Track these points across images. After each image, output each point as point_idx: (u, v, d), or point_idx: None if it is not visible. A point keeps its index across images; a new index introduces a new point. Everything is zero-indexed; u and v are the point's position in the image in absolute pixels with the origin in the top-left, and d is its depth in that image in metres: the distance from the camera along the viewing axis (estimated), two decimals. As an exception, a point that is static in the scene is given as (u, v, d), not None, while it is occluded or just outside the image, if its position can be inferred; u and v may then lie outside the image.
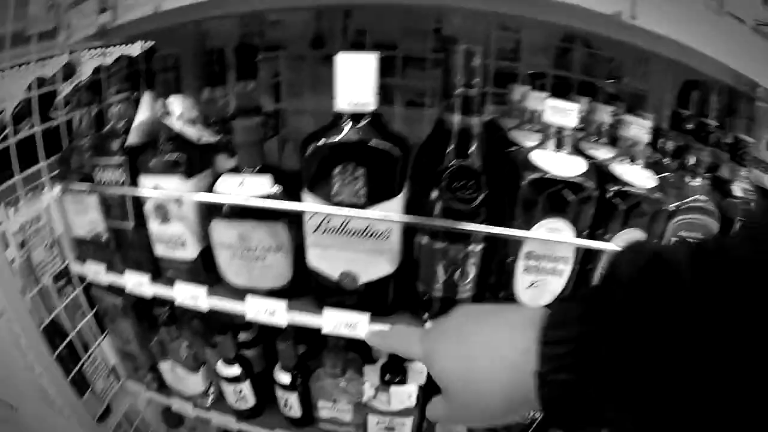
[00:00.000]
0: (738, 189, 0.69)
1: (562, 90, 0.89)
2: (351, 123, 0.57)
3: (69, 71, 1.01)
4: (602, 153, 0.73)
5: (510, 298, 0.64)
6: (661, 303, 0.24)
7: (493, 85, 0.87)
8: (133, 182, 0.71)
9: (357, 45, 0.89)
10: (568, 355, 0.28)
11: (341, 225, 0.61)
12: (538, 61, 0.90)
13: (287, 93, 0.94)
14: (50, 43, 0.88)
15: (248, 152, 0.64)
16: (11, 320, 0.81)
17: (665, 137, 0.77)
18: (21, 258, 0.85)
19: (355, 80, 0.56)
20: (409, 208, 0.62)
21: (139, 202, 0.72)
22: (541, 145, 0.65)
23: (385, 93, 0.93)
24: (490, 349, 0.34)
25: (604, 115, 0.75)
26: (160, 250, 0.73)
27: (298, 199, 0.61)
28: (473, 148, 0.60)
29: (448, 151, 0.60)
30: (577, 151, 0.67)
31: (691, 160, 0.67)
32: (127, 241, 0.76)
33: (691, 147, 0.71)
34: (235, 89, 0.77)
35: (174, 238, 0.70)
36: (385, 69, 0.94)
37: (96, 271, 0.81)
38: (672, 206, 0.63)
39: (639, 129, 0.68)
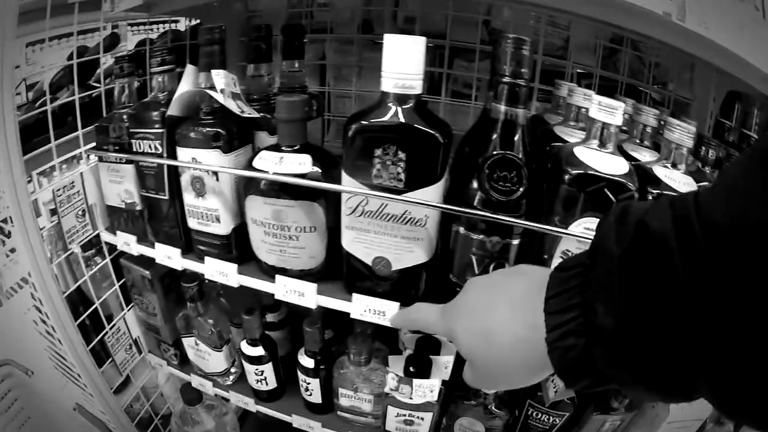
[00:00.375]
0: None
1: (607, 91, 0.87)
2: (396, 105, 0.56)
3: (112, 42, 1.02)
4: (645, 155, 0.71)
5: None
6: (648, 270, 0.26)
7: (539, 82, 0.86)
8: (171, 154, 0.71)
9: (405, 32, 0.88)
10: (571, 321, 0.30)
11: (378, 209, 0.60)
12: (585, 61, 0.88)
13: (332, 76, 0.94)
14: (93, 15, 0.89)
15: (290, 130, 0.63)
16: (35, 285, 0.82)
17: (707, 146, 0.74)
18: (51, 224, 0.86)
19: (403, 62, 0.55)
20: (449, 197, 0.61)
21: (175, 175, 0.72)
22: (585, 141, 0.64)
23: (431, 83, 0.92)
24: (505, 324, 0.36)
25: (649, 117, 0.74)
26: (193, 224, 0.73)
27: (336, 181, 0.61)
28: (517, 139, 0.58)
29: (492, 140, 0.58)
30: (620, 151, 0.66)
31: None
32: (161, 213, 0.76)
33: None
34: (281, 68, 0.76)
35: (208, 213, 0.70)
36: (433, 58, 0.93)
37: (126, 242, 0.82)
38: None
39: (683, 133, 0.66)
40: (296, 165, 0.62)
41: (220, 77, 0.68)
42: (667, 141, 0.68)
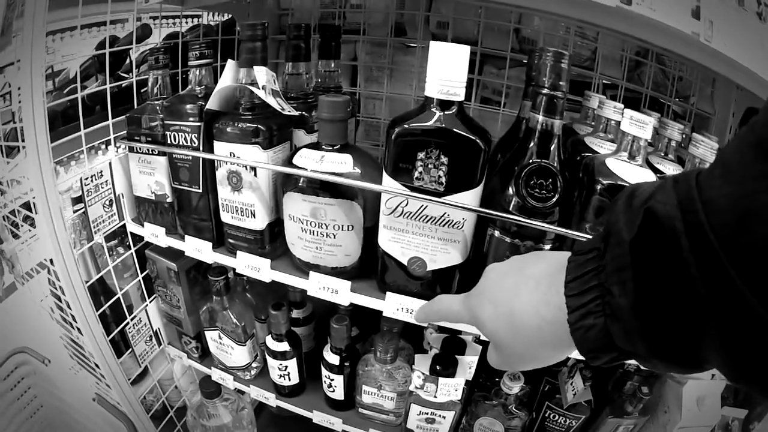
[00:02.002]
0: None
1: (632, 103, 0.89)
2: (439, 110, 0.57)
3: (144, 33, 1.03)
4: (669, 168, 0.73)
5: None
6: (658, 253, 0.28)
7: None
8: (207, 148, 0.72)
9: (437, 37, 0.90)
10: (590, 303, 0.32)
11: (418, 210, 0.61)
12: (611, 72, 0.90)
13: (363, 77, 0.95)
14: (125, 5, 0.90)
15: (332, 129, 0.64)
16: (56, 274, 0.82)
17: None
18: (77, 212, 0.86)
19: (448, 69, 0.56)
20: (484, 202, 0.62)
21: (210, 168, 0.73)
22: (615, 153, 0.66)
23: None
24: (528, 307, 0.37)
25: (674, 132, 0.75)
26: (226, 218, 0.74)
27: (374, 181, 0.62)
28: (553, 148, 0.60)
29: (528, 148, 0.60)
30: (648, 164, 0.67)
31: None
32: (192, 205, 0.77)
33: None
34: (317, 67, 0.77)
35: (244, 208, 0.71)
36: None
37: (154, 233, 0.82)
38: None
39: (707, 148, 0.68)
40: (337, 164, 0.63)
41: (262, 74, 0.69)
42: (691, 156, 0.70)
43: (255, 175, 0.69)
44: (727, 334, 0.26)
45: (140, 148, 0.80)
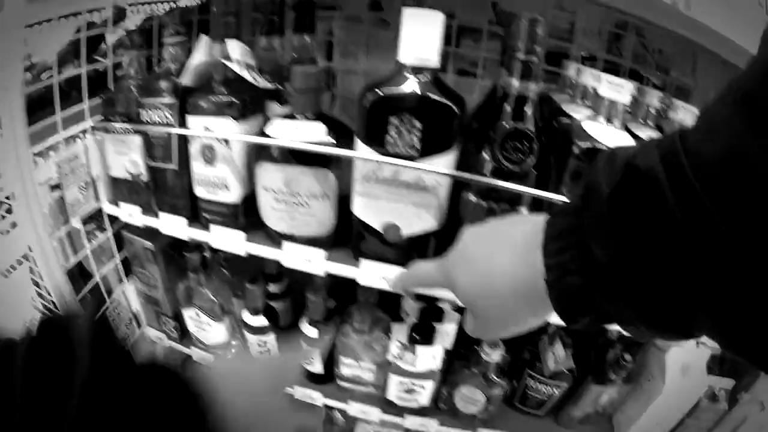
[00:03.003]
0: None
1: (612, 75, 0.89)
2: (413, 76, 0.57)
3: (119, 16, 1.01)
4: (649, 134, 0.73)
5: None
6: (639, 205, 0.27)
7: (545, 63, 0.87)
8: (182, 123, 0.71)
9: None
10: (569, 262, 0.31)
11: (392, 175, 0.61)
12: (590, 45, 0.90)
13: (340, 53, 0.94)
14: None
15: (304, 99, 0.64)
16: (35, 260, 0.81)
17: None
18: (54, 198, 0.85)
19: (421, 35, 0.56)
20: (458, 167, 0.62)
21: (184, 144, 0.72)
22: (593, 117, 0.65)
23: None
24: (505, 268, 0.36)
25: (654, 99, 0.75)
26: (201, 193, 0.73)
27: (347, 147, 0.62)
28: (528, 112, 0.60)
29: (503, 113, 0.60)
30: (626, 129, 0.67)
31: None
32: (167, 183, 0.76)
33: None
34: (291, 42, 0.77)
35: (217, 181, 0.70)
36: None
37: (130, 213, 0.81)
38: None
39: (686, 113, 0.69)
40: (311, 133, 0.63)
41: (235, 47, 0.68)
42: (671, 121, 0.70)
43: (228, 147, 0.68)
44: (717, 291, 0.25)
45: (116, 129, 0.79)
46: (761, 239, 0.22)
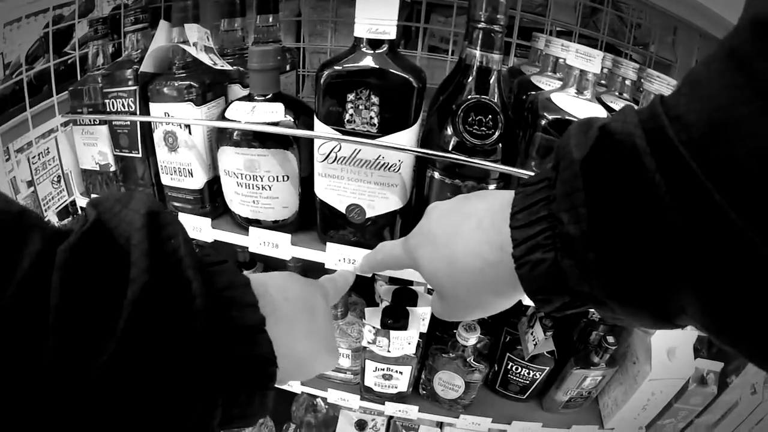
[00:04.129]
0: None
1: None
2: (369, 50, 0.55)
3: (87, 8, 1.01)
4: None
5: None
6: (615, 172, 0.24)
7: (519, 38, 0.85)
8: (144, 111, 0.70)
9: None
10: (538, 235, 0.28)
11: (351, 154, 0.59)
12: (566, 19, 0.88)
13: (308, 32, 0.93)
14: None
15: (262, 79, 0.62)
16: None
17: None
18: (27, 193, 0.85)
19: (376, 6, 0.54)
20: (423, 144, 0.60)
21: (149, 132, 0.71)
22: (562, 88, 0.63)
23: (407, 38, 0.91)
24: (470, 246, 0.34)
25: (629, 71, 0.73)
26: (166, 180, 0.72)
27: (310, 129, 0.60)
28: (492, 84, 0.58)
29: (466, 85, 0.58)
30: (599, 102, 0.65)
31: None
32: (135, 172, 0.75)
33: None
34: (255, 23, 0.75)
35: (181, 168, 0.69)
36: (410, 13, 0.92)
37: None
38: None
39: (662, 85, 0.66)
40: (269, 114, 0.61)
41: (193, 31, 0.67)
42: (647, 93, 0.68)
43: (190, 133, 0.67)
44: (706, 268, 0.22)
45: (83, 120, 0.78)
46: (757, 203, 0.20)
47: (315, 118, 0.59)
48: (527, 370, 0.77)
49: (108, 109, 0.73)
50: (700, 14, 0.69)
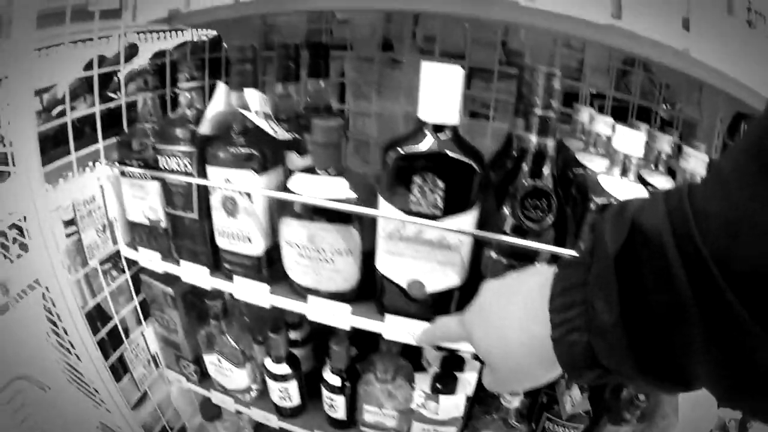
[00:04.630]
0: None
1: (619, 112, 0.91)
2: (433, 134, 0.58)
3: (131, 52, 1.02)
4: (661, 182, 0.74)
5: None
6: (643, 267, 0.27)
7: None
8: (202, 173, 0.71)
9: (425, 52, 0.90)
10: (575, 318, 0.32)
11: (415, 234, 0.61)
12: (598, 82, 0.91)
13: (352, 94, 0.95)
14: (113, 22, 0.89)
15: (326, 154, 0.64)
16: (52, 300, 0.82)
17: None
18: (71, 238, 0.85)
19: (440, 92, 0.56)
20: (479, 222, 0.62)
21: (204, 193, 0.73)
22: (608, 170, 0.66)
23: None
24: (517, 323, 0.37)
25: (664, 144, 0.76)
26: (223, 244, 0.73)
27: (371, 205, 0.62)
28: (547, 169, 0.60)
29: (522, 169, 0.60)
30: (639, 179, 0.68)
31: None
32: (188, 231, 0.76)
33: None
34: (307, 87, 0.77)
35: (240, 233, 0.71)
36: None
37: (150, 259, 0.82)
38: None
39: (697, 162, 0.69)
40: (333, 189, 0.63)
41: (253, 97, 0.68)
42: (682, 170, 0.71)
43: (250, 200, 0.69)
44: (718, 352, 0.25)
45: (132, 173, 0.79)
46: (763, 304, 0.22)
47: (380, 196, 0.61)
48: (564, 429, 0.80)
49: (162, 167, 0.74)
50: (725, 79, 0.73)
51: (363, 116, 0.95)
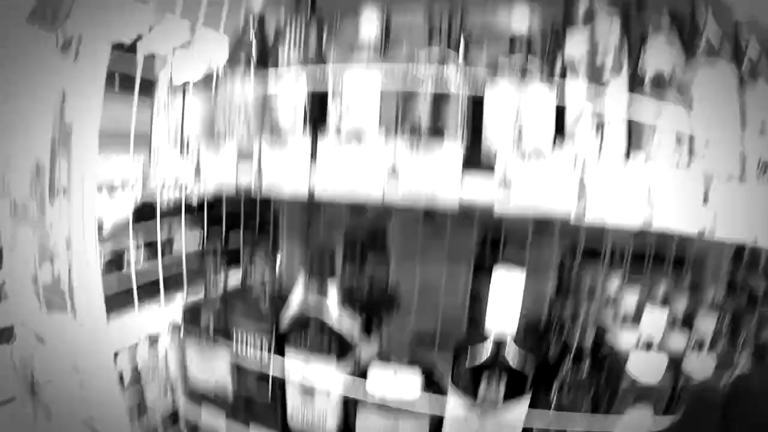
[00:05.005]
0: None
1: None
2: (497, 340, 0.68)
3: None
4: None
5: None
6: None
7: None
8: (278, 353, 0.79)
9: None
10: None
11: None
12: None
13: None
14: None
15: (400, 347, 0.74)
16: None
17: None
18: (134, 393, 0.90)
19: (505, 303, 0.67)
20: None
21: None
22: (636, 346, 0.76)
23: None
24: None
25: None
26: (296, 425, 0.80)
27: (436, 387, 0.71)
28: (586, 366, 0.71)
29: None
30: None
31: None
32: (258, 410, 0.82)
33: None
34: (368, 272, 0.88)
35: (315, 418, 0.78)
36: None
37: (216, 427, 0.86)
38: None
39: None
40: (408, 386, 0.72)
41: (332, 291, 0.77)
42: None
43: (327, 390, 0.76)
44: None
45: (202, 340, 0.85)
46: None
47: (451, 390, 0.70)
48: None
49: (234, 340, 0.81)
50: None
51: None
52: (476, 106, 0.69)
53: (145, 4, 0.88)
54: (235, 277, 0.91)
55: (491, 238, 1.04)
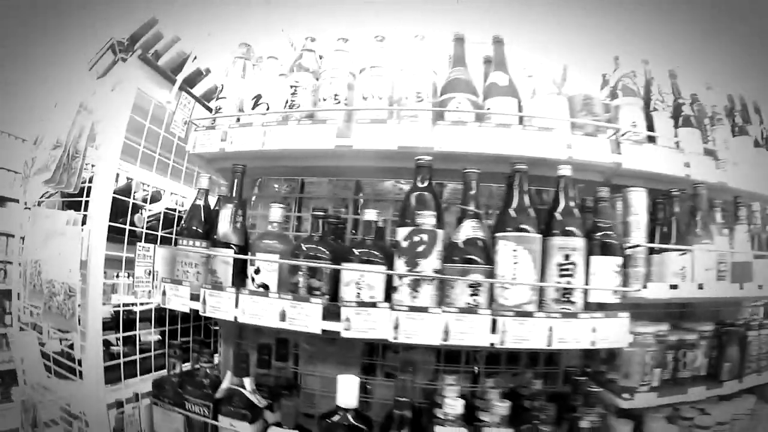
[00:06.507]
0: None
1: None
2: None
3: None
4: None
5: None
6: None
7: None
8: (214, 417, 1.28)
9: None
10: None
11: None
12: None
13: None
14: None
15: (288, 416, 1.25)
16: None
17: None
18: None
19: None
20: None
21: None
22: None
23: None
24: None
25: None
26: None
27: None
28: None
29: None
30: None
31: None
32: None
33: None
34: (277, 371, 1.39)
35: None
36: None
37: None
38: None
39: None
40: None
41: (248, 382, 1.28)
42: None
43: (244, 439, 1.27)
44: None
45: (166, 408, 1.34)
46: None
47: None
48: None
49: (187, 407, 1.31)
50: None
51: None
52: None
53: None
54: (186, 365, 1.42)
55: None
